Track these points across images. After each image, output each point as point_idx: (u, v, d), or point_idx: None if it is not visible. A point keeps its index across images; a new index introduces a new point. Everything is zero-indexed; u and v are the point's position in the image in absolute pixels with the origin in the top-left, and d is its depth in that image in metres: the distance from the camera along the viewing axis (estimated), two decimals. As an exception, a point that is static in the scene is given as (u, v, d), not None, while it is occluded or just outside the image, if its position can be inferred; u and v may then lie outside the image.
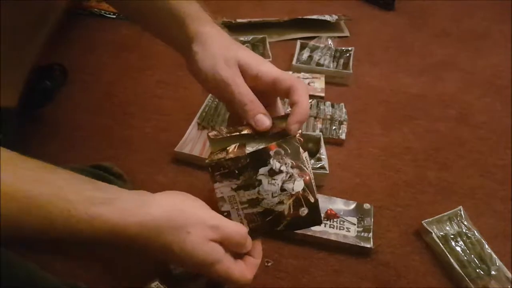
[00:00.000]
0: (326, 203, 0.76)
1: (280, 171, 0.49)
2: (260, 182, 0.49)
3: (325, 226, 0.73)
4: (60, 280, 0.61)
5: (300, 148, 0.49)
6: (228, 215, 0.49)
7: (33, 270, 0.58)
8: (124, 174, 0.79)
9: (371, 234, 0.72)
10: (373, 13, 1.37)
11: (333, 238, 0.71)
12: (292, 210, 0.49)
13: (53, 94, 0.98)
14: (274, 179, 0.49)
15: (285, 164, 0.49)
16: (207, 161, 0.49)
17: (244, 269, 0.48)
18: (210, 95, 0.98)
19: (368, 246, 0.71)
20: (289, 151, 0.49)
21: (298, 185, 0.49)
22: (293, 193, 0.49)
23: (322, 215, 0.74)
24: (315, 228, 0.72)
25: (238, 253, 0.48)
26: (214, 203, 0.49)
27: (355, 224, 0.73)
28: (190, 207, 0.45)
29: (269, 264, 0.70)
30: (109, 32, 1.22)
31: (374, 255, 0.72)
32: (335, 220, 0.74)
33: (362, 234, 0.72)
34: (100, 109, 0.98)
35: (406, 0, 1.39)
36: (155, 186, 0.81)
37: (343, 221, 0.73)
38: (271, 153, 0.49)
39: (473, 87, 1.09)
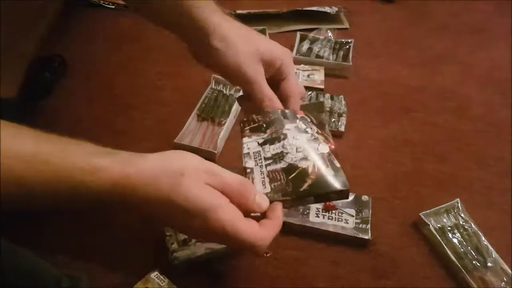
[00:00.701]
0: (325, 195, 0.77)
1: (306, 132, 0.51)
2: (285, 135, 0.50)
3: (323, 218, 0.73)
4: (60, 271, 0.62)
5: (327, 125, 0.52)
6: (251, 172, 0.49)
7: (34, 261, 0.59)
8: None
9: (369, 226, 0.73)
10: (373, 5, 1.36)
11: (331, 229, 0.72)
12: (316, 168, 0.48)
13: (53, 86, 0.98)
14: (300, 135, 0.50)
15: (311, 128, 0.51)
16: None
17: (256, 229, 0.44)
18: (210, 86, 0.98)
19: (366, 237, 0.71)
20: (315, 121, 0.52)
21: (323, 148, 0.50)
22: (318, 152, 0.49)
23: (321, 206, 0.75)
24: (314, 220, 0.73)
25: (247, 212, 0.45)
26: None
27: (353, 216, 0.74)
28: (184, 154, 0.46)
29: (268, 255, 0.70)
30: (108, 23, 1.21)
31: (372, 246, 0.73)
32: (333, 212, 0.74)
33: (360, 225, 0.73)
34: (100, 101, 0.99)
35: (406, -7, 1.39)
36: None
37: (342, 213, 0.74)
38: (298, 116, 0.52)
39: (472, 80, 1.09)
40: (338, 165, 0.49)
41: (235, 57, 0.53)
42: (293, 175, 0.48)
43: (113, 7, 1.26)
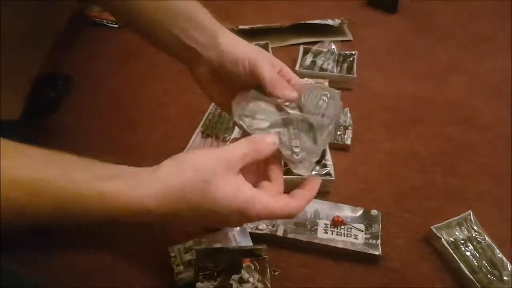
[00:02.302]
0: (333, 209, 0.75)
1: (248, 281, 0.61)
2: (231, 286, 0.60)
3: (332, 234, 0.72)
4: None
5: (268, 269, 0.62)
6: None
7: (36, 281, 0.58)
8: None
9: (379, 241, 0.71)
10: (376, 16, 1.36)
11: (340, 245, 0.70)
12: None
13: (57, 104, 0.98)
14: (242, 286, 0.61)
15: (253, 276, 0.61)
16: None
17: (288, 204, 0.47)
18: (213, 103, 0.97)
19: (377, 253, 0.69)
20: (258, 267, 0.62)
21: None
22: None
23: (329, 222, 0.73)
24: (322, 236, 0.71)
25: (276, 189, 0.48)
26: None
27: (362, 231, 0.72)
28: (195, 158, 0.44)
29: (276, 273, 0.69)
30: (113, 41, 1.22)
31: (382, 262, 0.71)
32: (342, 227, 0.73)
33: (370, 241, 0.71)
34: (105, 117, 0.98)
35: (409, 3, 1.38)
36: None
37: (351, 228, 0.73)
38: (244, 265, 0.62)
39: (479, 92, 1.08)
40: None
41: (244, 47, 0.55)
42: None
43: (116, 26, 1.27)
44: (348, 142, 0.89)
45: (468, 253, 0.71)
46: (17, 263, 0.55)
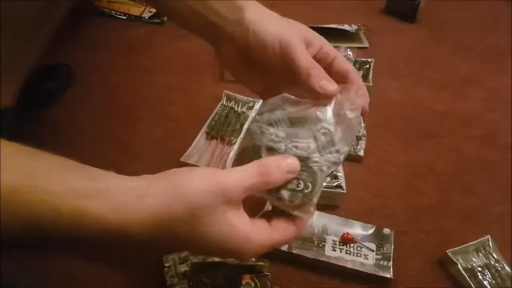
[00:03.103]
0: (343, 226, 0.70)
1: None
2: None
3: (340, 252, 0.66)
4: None
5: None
6: None
7: None
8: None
9: (391, 263, 0.65)
10: (393, 24, 1.31)
11: (349, 265, 0.65)
12: None
13: (56, 96, 0.94)
14: None
15: None
16: None
17: (273, 238, 0.41)
18: (220, 103, 0.92)
19: (388, 276, 0.64)
20: (259, 285, 0.57)
21: None
22: None
23: (338, 239, 0.68)
24: (330, 253, 0.66)
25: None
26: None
27: (373, 251, 0.67)
28: (190, 182, 0.38)
29: (278, 291, 0.64)
30: (118, 33, 1.17)
31: (393, 285, 0.66)
32: (351, 245, 0.67)
33: (381, 262, 0.66)
34: (105, 112, 0.93)
35: (428, 13, 1.33)
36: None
37: (361, 247, 0.67)
38: (243, 282, 0.57)
39: (499, 106, 1.02)
40: None
41: (276, 25, 0.47)
42: None
43: (124, 17, 1.22)
44: (361, 153, 0.84)
45: (485, 282, 0.66)
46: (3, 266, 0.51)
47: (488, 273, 0.67)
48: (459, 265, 0.66)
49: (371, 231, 0.70)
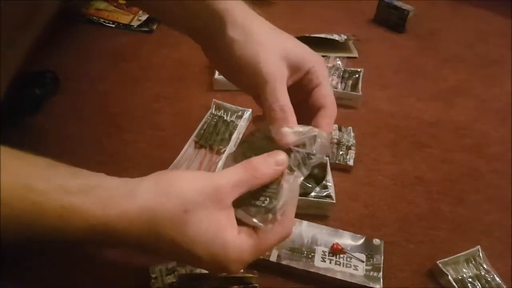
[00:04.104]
0: (332, 236, 0.69)
1: None
2: None
3: (330, 263, 0.65)
4: None
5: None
6: None
7: None
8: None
9: (381, 274, 0.65)
10: (383, 34, 1.32)
11: (339, 276, 0.64)
12: None
13: (42, 103, 0.92)
14: None
15: None
16: None
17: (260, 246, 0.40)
18: (209, 111, 0.91)
19: (378, 287, 0.63)
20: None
21: None
22: None
23: (327, 249, 0.67)
24: (319, 264, 0.65)
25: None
26: None
27: (363, 262, 0.66)
28: (180, 184, 0.38)
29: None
30: (106, 41, 1.16)
31: (383, 297, 0.65)
32: (341, 256, 0.66)
33: (371, 273, 0.65)
34: (92, 120, 0.92)
35: (417, 23, 1.34)
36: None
37: (351, 258, 0.66)
38: None
39: (488, 116, 1.03)
40: None
41: (253, 49, 0.43)
42: None
43: (113, 26, 1.21)
44: (351, 163, 0.83)
45: (476, 293, 0.65)
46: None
47: (479, 284, 0.66)
48: (449, 276, 0.66)
49: (361, 241, 0.69)
